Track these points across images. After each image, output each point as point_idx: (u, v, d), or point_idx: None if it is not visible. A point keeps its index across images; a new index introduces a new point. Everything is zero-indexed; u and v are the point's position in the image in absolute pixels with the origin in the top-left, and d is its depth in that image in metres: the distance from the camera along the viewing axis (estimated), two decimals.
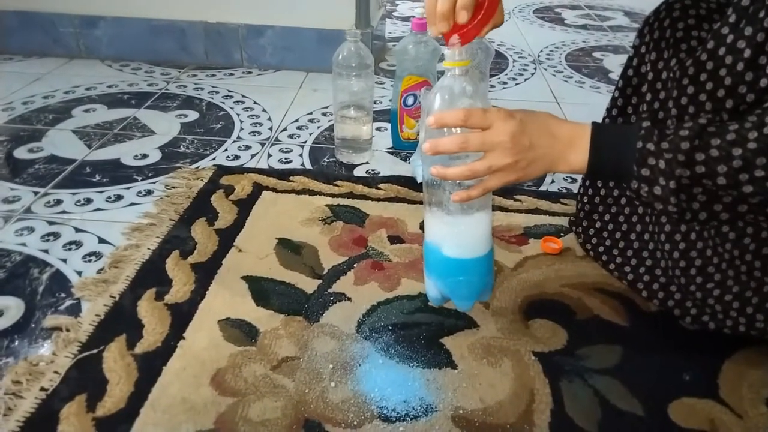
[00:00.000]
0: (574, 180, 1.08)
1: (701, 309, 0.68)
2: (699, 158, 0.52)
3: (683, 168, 0.53)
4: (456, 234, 0.66)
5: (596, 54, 1.84)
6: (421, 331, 0.72)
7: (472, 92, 0.61)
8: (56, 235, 0.87)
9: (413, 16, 1.09)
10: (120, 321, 0.71)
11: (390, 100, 1.27)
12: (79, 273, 0.80)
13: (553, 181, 1.08)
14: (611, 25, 2.18)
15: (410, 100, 1.12)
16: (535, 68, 1.68)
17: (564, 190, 1.05)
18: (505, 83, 1.56)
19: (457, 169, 0.59)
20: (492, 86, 1.52)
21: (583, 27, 2.15)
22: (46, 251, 0.84)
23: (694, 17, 0.68)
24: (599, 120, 0.79)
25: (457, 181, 0.62)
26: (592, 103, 1.45)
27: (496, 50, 1.79)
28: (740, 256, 0.62)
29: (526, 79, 1.59)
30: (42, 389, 0.62)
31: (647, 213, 0.74)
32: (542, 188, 1.06)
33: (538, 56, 1.79)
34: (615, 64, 1.73)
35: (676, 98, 0.63)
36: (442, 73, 0.63)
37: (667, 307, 0.73)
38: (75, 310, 0.73)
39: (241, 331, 0.70)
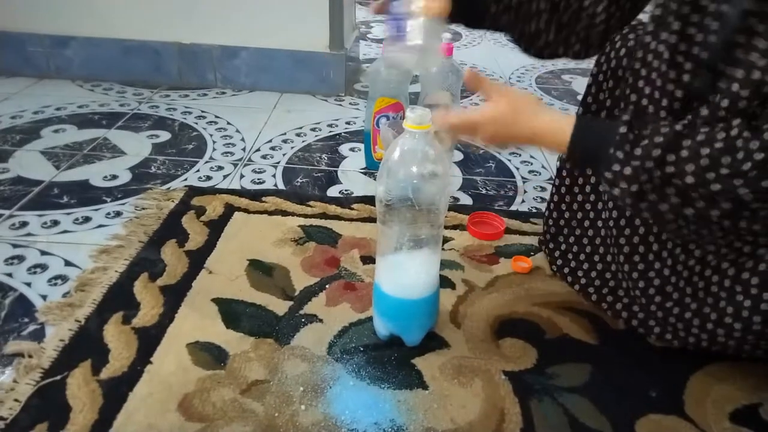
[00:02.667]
0: (543, 199, 1.10)
1: (663, 327, 0.69)
2: (669, 159, 0.54)
3: (652, 171, 0.55)
4: (404, 277, 0.69)
5: (565, 77, 1.88)
6: (392, 352, 0.72)
7: (434, 156, 0.64)
8: (21, 258, 0.85)
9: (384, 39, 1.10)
10: (85, 346, 0.70)
11: (363, 121, 1.28)
12: (44, 297, 0.78)
13: (523, 201, 1.10)
14: None
15: (383, 122, 1.13)
16: None
17: (534, 210, 1.07)
18: (477, 104, 1.59)
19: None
20: (464, 108, 1.55)
21: None
22: (9, 275, 0.82)
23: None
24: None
25: (406, 234, 0.66)
26: None
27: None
28: (701, 272, 0.64)
29: None
30: (0, 418, 0.60)
31: (609, 235, 0.76)
32: (512, 208, 1.07)
33: (509, 78, 1.83)
34: (583, 86, 1.77)
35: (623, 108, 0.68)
36: (414, 95, 0.66)
37: (631, 326, 0.74)
38: (39, 336, 0.71)
39: (210, 355, 0.69)
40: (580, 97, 1.67)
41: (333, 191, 1.10)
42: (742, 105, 0.53)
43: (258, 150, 1.25)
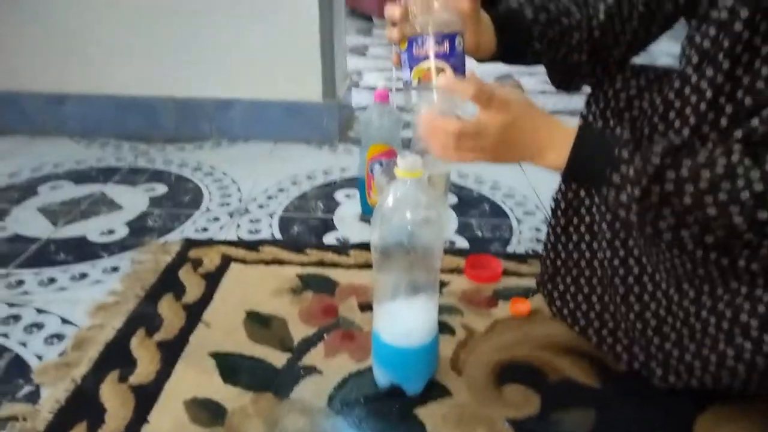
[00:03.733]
0: (539, 240, 1.11)
1: (665, 369, 0.69)
2: (670, 176, 0.54)
3: (654, 183, 0.54)
4: (403, 325, 0.69)
5: None
6: (393, 403, 0.71)
7: (427, 202, 0.64)
8: (17, 318, 0.85)
9: (376, 87, 1.13)
10: (81, 407, 0.68)
11: (358, 168, 1.29)
12: (40, 357, 0.77)
13: (519, 242, 1.10)
14: None
15: (377, 168, 1.15)
16: None
17: (530, 252, 1.07)
18: None
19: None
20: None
21: (541, 92, 2.25)
22: (5, 335, 0.81)
23: (635, 88, 0.72)
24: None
25: (403, 280, 0.66)
26: None
27: None
28: (696, 313, 0.64)
29: None
30: None
31: (605, 276, 0.76)
32: (509, 249, 1.08)
33: None
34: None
35: (648, 136, 0.66)
36: (407, 141, 0.65)
37: (633, 368, 0.73)
38: (34, 397, 0.70)
39: (208, 412, 0.68)
40: None
41: (329, 238, 1.10)
42: (755, 138, 0.53)
43: (254, 199, 1.26)
